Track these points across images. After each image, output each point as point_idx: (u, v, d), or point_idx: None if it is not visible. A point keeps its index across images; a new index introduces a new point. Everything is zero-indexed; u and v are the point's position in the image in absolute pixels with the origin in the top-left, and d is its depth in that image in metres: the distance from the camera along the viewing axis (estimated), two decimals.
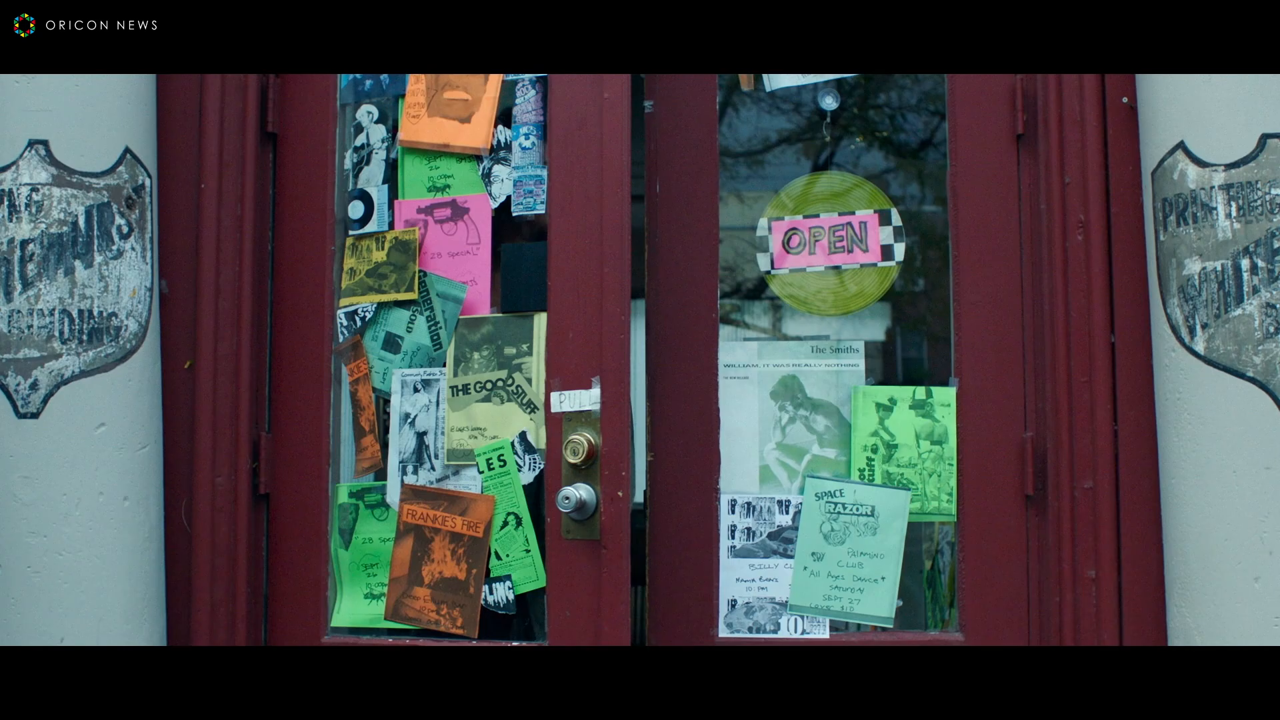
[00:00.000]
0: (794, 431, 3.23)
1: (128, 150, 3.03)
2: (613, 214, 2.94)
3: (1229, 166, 2.86)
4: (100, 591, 2.93)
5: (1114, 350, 3.09)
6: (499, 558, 3.12)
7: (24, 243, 2.93)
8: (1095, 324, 3.09)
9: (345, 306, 3.29)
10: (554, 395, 2.94)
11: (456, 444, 3.19)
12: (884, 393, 3.20)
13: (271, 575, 3.26)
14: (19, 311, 2.92)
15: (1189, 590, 2.89)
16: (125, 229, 3.01)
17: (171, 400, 3.17)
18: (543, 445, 3.08)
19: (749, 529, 3.19)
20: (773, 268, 3.28)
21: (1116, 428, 3.08)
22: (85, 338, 2.94)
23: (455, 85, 3.26)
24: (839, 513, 3.16)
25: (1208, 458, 2.86)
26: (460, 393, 3.20)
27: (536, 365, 3.14)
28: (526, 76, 3.21)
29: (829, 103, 3.38)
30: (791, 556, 3.17)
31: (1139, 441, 3.06)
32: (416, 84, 3.30)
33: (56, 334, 2.92)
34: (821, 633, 3.16)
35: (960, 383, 3.19)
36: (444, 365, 3.23)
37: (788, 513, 3.19)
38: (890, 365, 10.92)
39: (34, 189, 2.94)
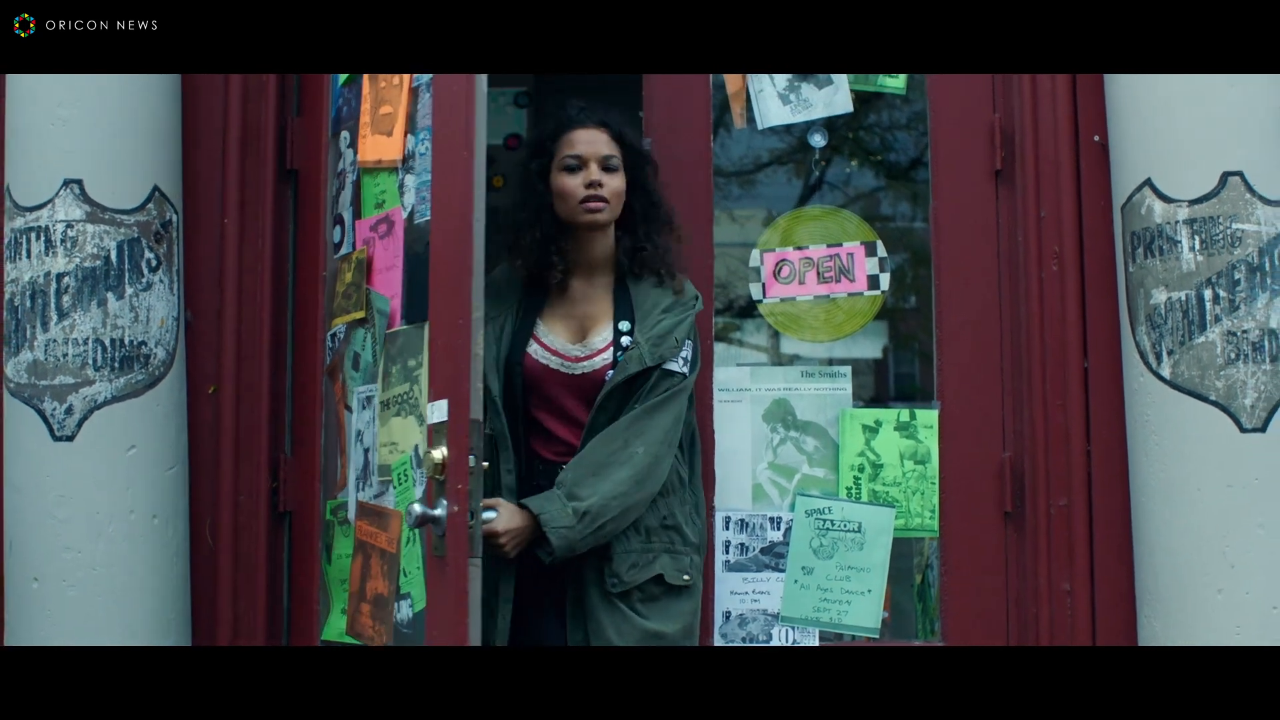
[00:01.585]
0: (785, 452, 3.39)
1: (156, 188, 3.21)
2: (460, 219, 2.66)
3: (1192, 202, 3.04)
4: (130, 604, 3.10)
5: (1087, 375, 3.26)
6: (405, 575, 3.02)
7: (60, 276, 3.11)
8: (1069, 350, 3.26)
9: (330, 329, 3.43)
10: (428, 406, 2.80)
11: (383, 459, 3.17)
12: (870, 415, 3.37)
13: (292, 589, 3.43)
14: (55, 340, 3.10)
15: (1158, 601, 3.06)
16: (154, 262, 3.19)
17: (196, 423, 3.34)
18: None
19: (742, 544, 3.35)
20: (764, 296, 3.45)
21: (1090, 448, 3.25)
22: (117, 365, 3.12)
23: (385, 100, 3.23)
24: (828, 529, 3.32)
25: (1174, 477, 3.03)
26: (384, 408, 3.16)
27: (424, 376, 2.99)
28: (424, 79, 3.11)
29: (817, 140, 3.55)
30: (783, 570, 3.33)
31: (1111, 461, 3.22)
32: (364, 104, 3.31)
33: (90, 362, 3.10)
34: (811, 642, 3.33)
35: (942, 405, 3.36)
36: (377, 380, 3.22)
37: (779, 529, 3.35)
38: (884, 382, 11.07)
39: (69, 225, 3.11)
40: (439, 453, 2.60)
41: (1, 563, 3.17)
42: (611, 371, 2.96)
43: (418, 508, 2.60)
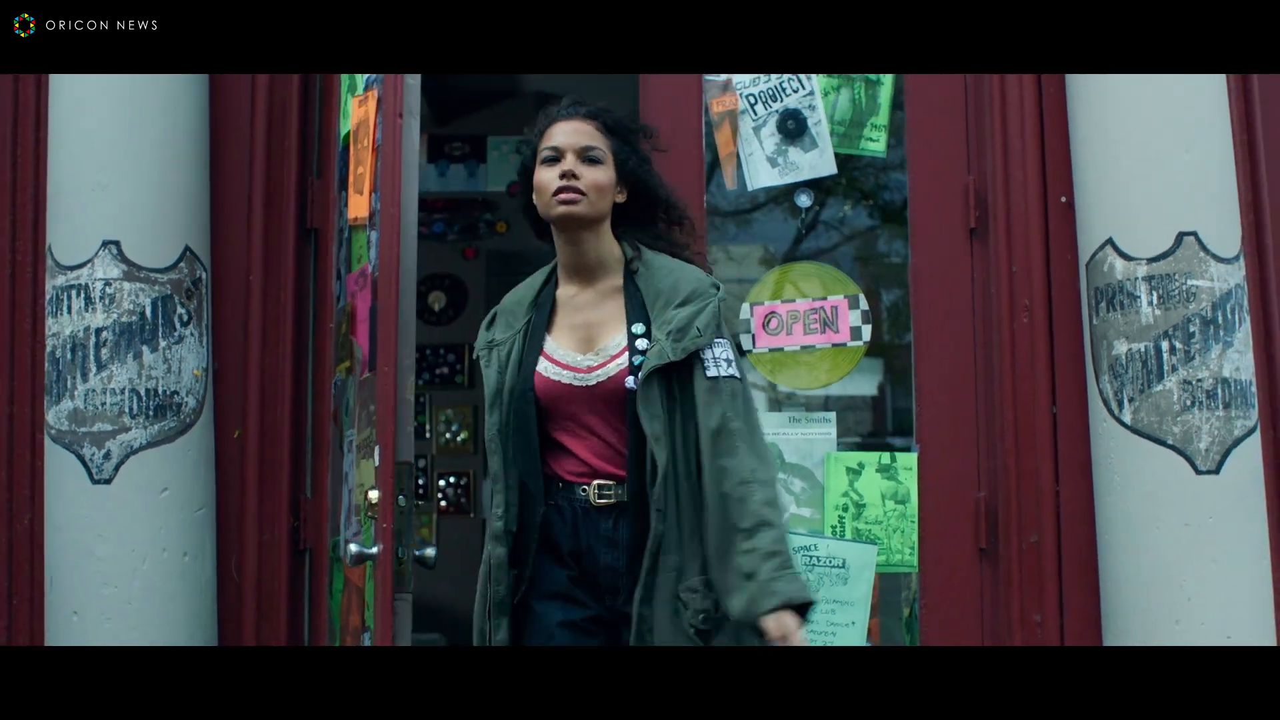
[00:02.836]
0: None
1: (188, 248, 3.45)
2: (388, 272, 2.84)
3: (1150, 260, 3.26)
4: (163, 636, 3.31)
5: (1055, 420, 3.46)
6: (369, 608, 3.10)
7: (98, 330, 3.34)
8: (1039, 396, 3.46)
9: (335, 377, 3.65)
10: (375, 449, 2.90)
11: (357, 499, 3.32)
12: (853, 458, 3.58)
13: (312, 623, 3.65)
14: (94, 390, 3.33)
15: (1122, 631, 3.27)
16: (185, 317, 3.42)
17: (223, 466, 3.56)
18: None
19: None
20: (754, 346, 3.67)
21: (1058, 488, 3.44)
22: (151, 413, 3.35)
23: (361, 160, 3.38)
24: (814, 564, 3.53)
25: (1135, 515, 3.24)
26: (357, 451, 3.32)
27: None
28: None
29: (803, 200, 3.79)
30: None
31: (1078, 500, 3.42)
32: (350, 164, 3.49)
33: (127, 410, 3.33)
34: None
35: (921, 448, 3.57)
36: (355, 425, 3.41)
37: None
38: (880, 418, 11.21)
39: (107, 283, 3.35)
40: (375, 493, 2.80)
41: (43, 597, 3.39)
42: (631, 378, 2.69)
43: (353, 547, 2.82)
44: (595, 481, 2.72)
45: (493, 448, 2.77)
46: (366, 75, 3.41)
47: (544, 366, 2.77)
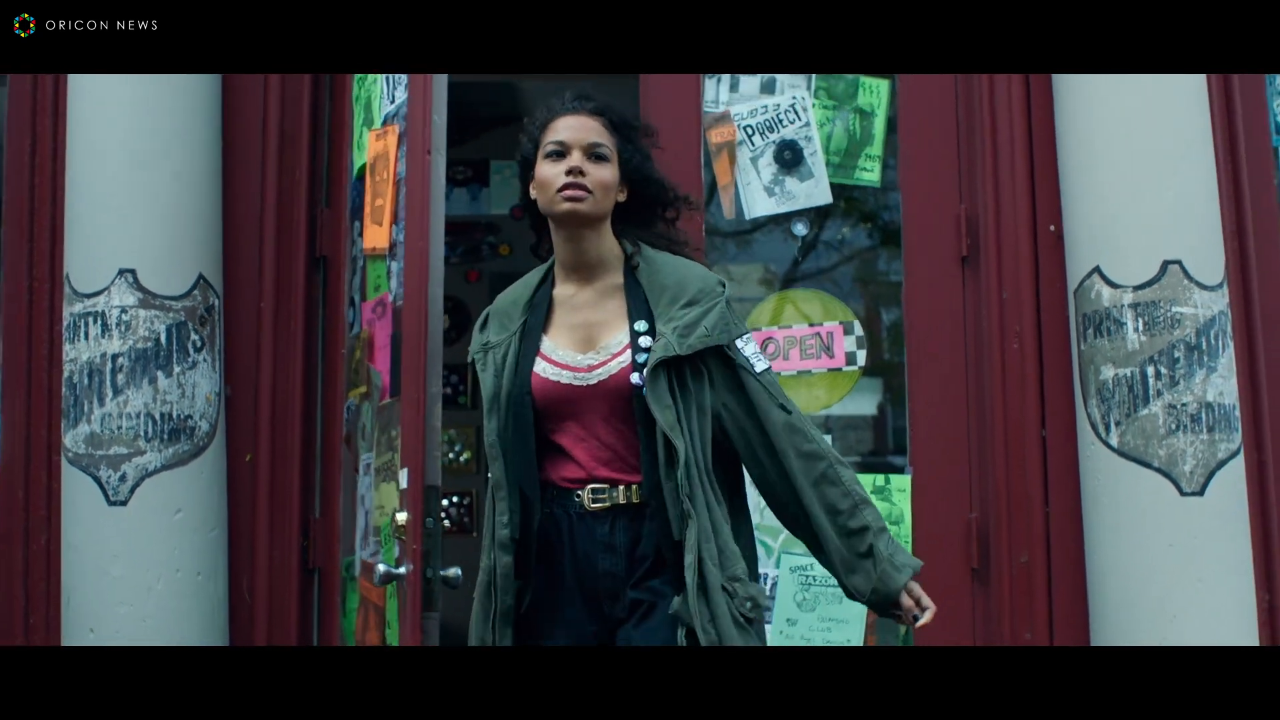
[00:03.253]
0: (771, 513, 3.69)
1: (201, 276, 3.54)
2: (417, 302, 2.85)
3: (1136, 288, 3.36)
4: None
5: (1045, 443, 3.56)
6: (390, 627, 3.17)
7: (114, 356, 3.44)
8: (1029, 420, 3.56)
9: (347, 401, 3.74)
10: (400, 472, 2.93)
11: (375, 521, 3.45)
12: None
13: (322, 640, 3.74)
14: (110, 414, 3.42)
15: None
16: (199, 344, 3.52)
17: (235, 488, 3.66)
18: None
19: None
20: None
21: (1048, 509, 3.54)
22: (166, 437, 3.44)
23: (379, 193, 3.47)
24: (810, 584, 3.62)
25: (1122, 535, 3.34)
26: (376, 474, 3.44)
27: (400, 445, 3.03)
28: (403, 174, 3.32)
29: (799, 229, 3.89)
30: (769, 622, 3.62)
31: (1067, 521, 3.51)
32: (366, 195, 3.57)
33: (142, 434, 3.43)
34: None
35: (914, 471, 3.66)
36: (373, 449, 3.53)
37: (766, 583, 3.64)
38: (881, 437, 11.28)
39: (123, 310, 3.45)
40: (403, 516, 2.82)
41: (59, 614, 3.49)
42: (635, 375, 2.60)
43: (382, 567, 2.86)
44: (589, 486, 2.62)
45: (493, 453, 2.67)
46: (385, 110, 3.52)
47: (541, 368, 2.67)
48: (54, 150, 3.72)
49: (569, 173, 2.64)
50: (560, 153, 2.68)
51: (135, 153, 3.53)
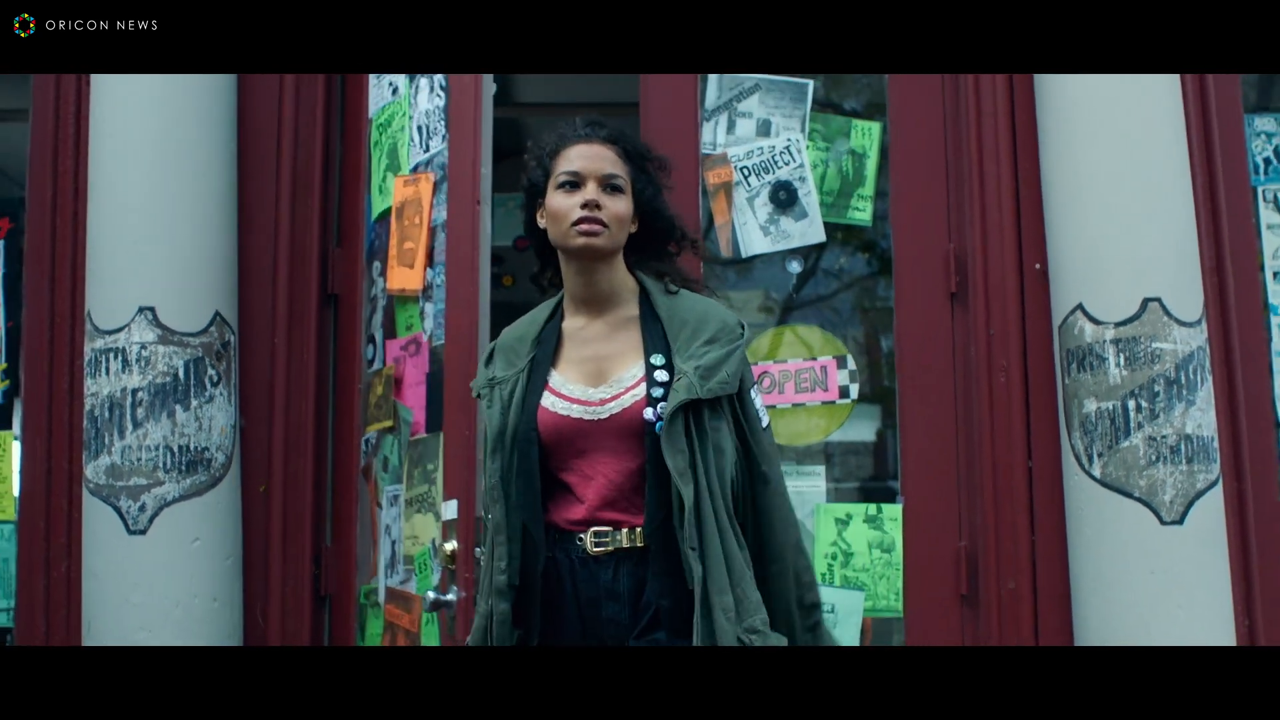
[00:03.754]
0: None
1: (217, 313, 3.68)
2: (466, 343, 2.97)
3: (1118, 324, 3.48)
4: None
5: (1031, 473, 3.65)
6: None
7: (134, 390, 3.57)
8: (1015, 451, 3.65)
9: (365, 435, 3.90)
10: (443, 505, 3.04)
11: (408, 550, 3.59)
12: (842, 509, 3.78)
13: None
14: (130, 447, 3.55)
15: None
16: (215, 378, 3.65)
17: (249, 517, 3.79)
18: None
19: None
20: None
21: (1034, 537, 3.63)
22: (184, 468, 3.57)
23: (408, 237, 3.62)
24: None
25: (1105, 563, 3.44)
26: (408, 505, 3.57)
27: (440, 479, 3.31)
28: (440, 219, 3.53)
29: (794, 267, 4.02)
30: None
31: (1052, 549, 3.60)
32: (391, 239, 3.74)
33: (161, 465, 3.56)
34: None
35: (905, 500, 3.77)
36: (402, 481, 3.69)
37: None
38: (881, 462, 11.34)
39: (143, 347, 3.58)
40: (450, 545, 2.94)
41: (79, 640, 3.61)
42: (649, 409, 2.47)
43: (432, 594, 2.98)
44: (591, 529, 2.49)
45: (495, 495, 2.55)
46: (415, 158, 3.69)
47: (550, 402, 2.55)
48: (75, 190, 3.86)
49: (585, 206, 2.55)
50: (574, 183, 2.58)
51: (154, 194, 3.67)
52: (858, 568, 3.74)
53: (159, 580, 3.53)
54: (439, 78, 3.70)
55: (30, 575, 3.77)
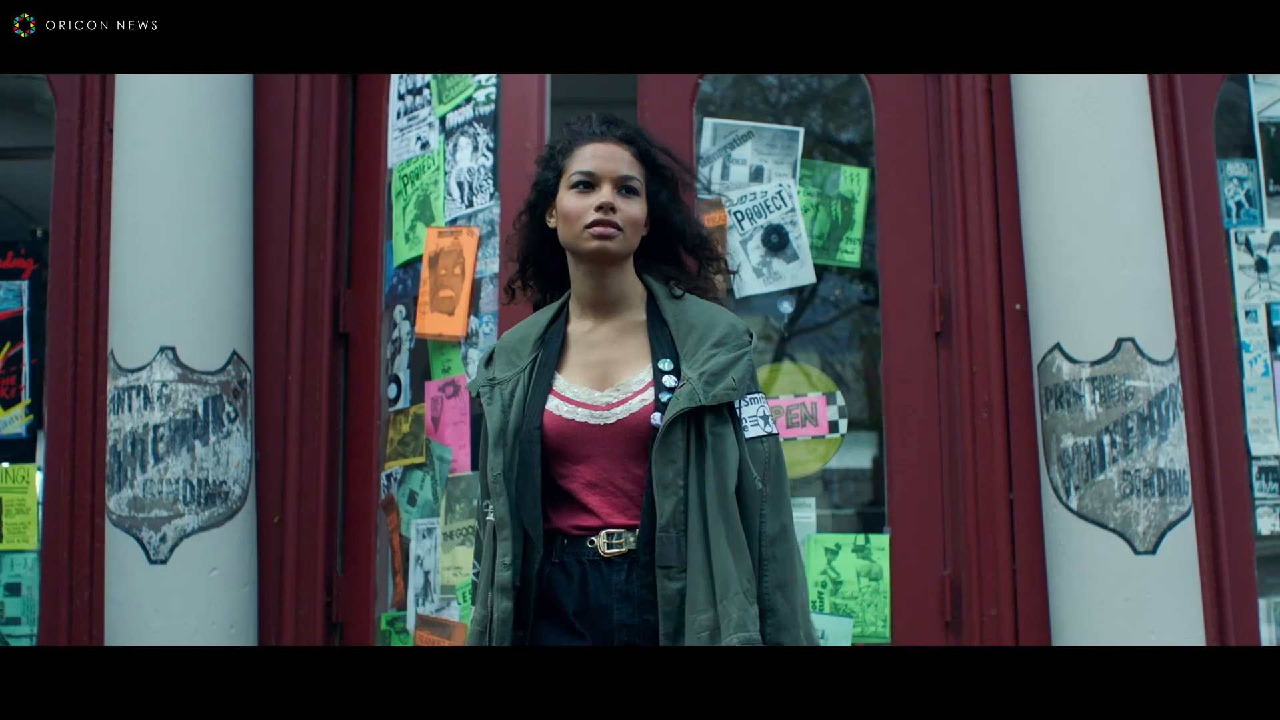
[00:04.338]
0: None
1: (234, 352, 3.85)
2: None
3: (1093, 363, 3.64)
4: None
5: (1012, 505, 3.81)
6: None
7: (156, 427, 3.74)
8: (997, 484, 3.81)
9: (385, 470, 4.07)
10: None
11: (446, 580, 3.75)
12: (831, 539, 3.91)
13: None
14: (151, 480, 3.72)
15: None
16: (232, 415, 3.82)
17: (264, 547, 3.95)
18: None
19: None
20: None
21: (1015, 566, 3.78)
22: (202, 500, 3.73)
23: (446, 285, 3.79)
24: None
25: (1081, 591, 3.59)
26: (447, 538, 3.72)
27: None
28: (486, 272, 3.75)
29: (785, 308, 4.19)
30: None
31: (1032, 578, 3.76)
32: (423, 286, 3.92)
33: (180, 498, 3.72)
34: None
35: (892, 531, 3.92)
36: (438, 515, 3.85)
37: None
38: (879, 488, 11.47)
39: (164, 385, 3.75)
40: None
41: None
42: (657, 414, 2.42)
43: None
44: (604, 530, 2.43)
45: (497, 489, 2.47)
46: (452, 212, 3.91)
47: (555, 405, 2.49)
48: (98, 233, 4.03)
49: (599, 208, 2.48)
50: (589, 184, 2.51)
51: (175, 238, 3.83)
52: (847, 595, 3.88)
53: (178, 608, 3.69)
54: (484, 139, 3.91)
55: (54, 602, 3.94)
